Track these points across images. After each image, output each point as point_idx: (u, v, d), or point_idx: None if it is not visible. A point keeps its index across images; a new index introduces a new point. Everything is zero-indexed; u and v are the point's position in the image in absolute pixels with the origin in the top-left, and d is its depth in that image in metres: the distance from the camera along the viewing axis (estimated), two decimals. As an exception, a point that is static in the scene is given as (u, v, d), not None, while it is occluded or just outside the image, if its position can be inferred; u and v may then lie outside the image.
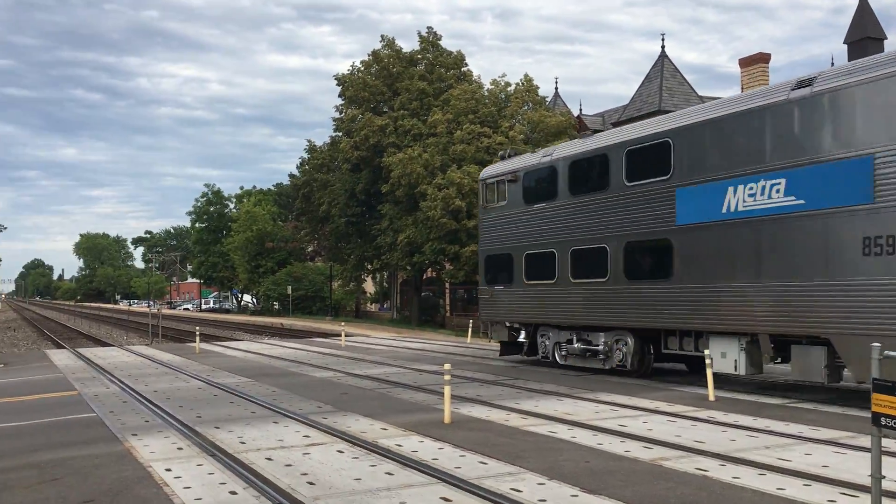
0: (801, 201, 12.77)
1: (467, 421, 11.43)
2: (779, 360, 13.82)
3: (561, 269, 18.33)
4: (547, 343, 19.44)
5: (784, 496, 7.19)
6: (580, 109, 48.42)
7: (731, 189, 13.95)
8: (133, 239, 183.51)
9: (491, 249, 21.31)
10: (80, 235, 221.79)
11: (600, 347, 17.44)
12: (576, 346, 18.22)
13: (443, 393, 11.69)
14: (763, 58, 35.61)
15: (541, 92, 43.77)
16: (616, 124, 35.68)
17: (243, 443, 10.01)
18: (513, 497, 7.28)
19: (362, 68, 50.82)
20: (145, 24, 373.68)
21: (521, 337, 20.70)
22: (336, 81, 51.66)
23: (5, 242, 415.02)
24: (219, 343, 33.34)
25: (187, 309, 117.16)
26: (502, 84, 44.36)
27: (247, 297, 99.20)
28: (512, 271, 20.18)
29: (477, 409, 12.53)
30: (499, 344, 21.86)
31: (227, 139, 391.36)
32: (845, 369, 12.57)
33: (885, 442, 6.39)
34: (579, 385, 15.39)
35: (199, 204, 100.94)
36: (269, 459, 9.00)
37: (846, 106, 12.23)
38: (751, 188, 13.61)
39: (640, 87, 41.51)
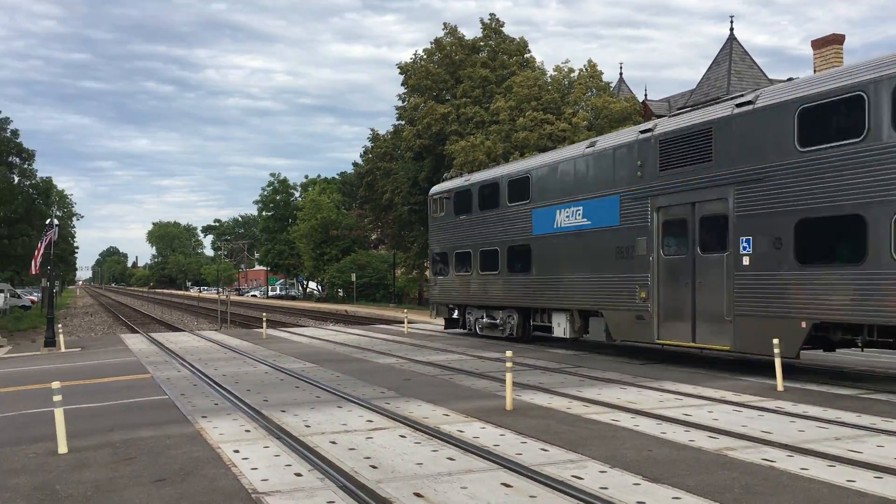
0: (590, 222, 18.90)
1: (529, 408, 11.42)
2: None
3: (474, 264, 24.50)
4: (471, 319, 25.42)
5: (854, 488, 7.01)
6: (645, 95, 47.68)
7: (557, 211, 20.11)
8: (203, 227, 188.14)
9: (436, 249, 27.50)
10: (153, 224, 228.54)
11: (498, 321, 23.51)
12: (485, 320, 24.34)
13: (504, 380, 11.71)
14: (837, 39, 34.46)
15: (605, 77, 43.22)
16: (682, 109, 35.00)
17: (308, 426, 10.21)
18: (574, 484, 7.27)
19: (425, 56, 50.91)
20: (213, 16, 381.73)
21: (455, 315, 26.78)
22: (399, 70, 51.91)
23: (83, 231, 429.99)
24: (285, 329, 33.97)
25: (254, 296, 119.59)
26: (565, 70, 43.88)
27: (312, 285, 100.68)
28: (448, 265, 26.35)
29: (539, 396, 12.52)
30: (443, 321, 28.10)
31: (292, 129, 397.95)
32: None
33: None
34: (643, 373, 15.22)
35: (265, 193, 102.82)
36: (333, 443, 9.16)
37: (610, 160, 18.32)
38: (567, 212, 19.77)
39: (707, 71, 40.65)
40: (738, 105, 14.80)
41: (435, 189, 28.28)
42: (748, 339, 14.41)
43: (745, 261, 14.45)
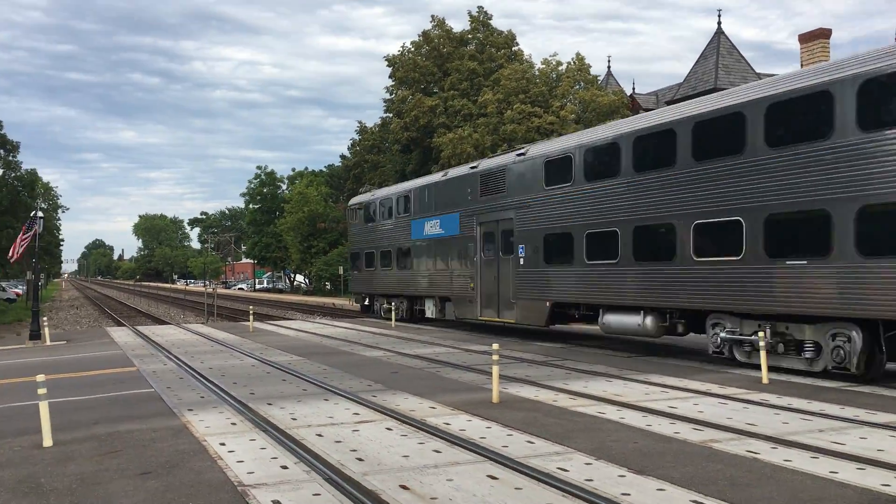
0: (444, 231, 25.18)
1: (515, 401, 11.45)
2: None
3: (377, 261, 30.81)
4: (377, 305, 31.86)
5: (837, 479, 7.08)
6: (633, 88, 47.70)
7: (426, 223, 26.44)
8: (189, 220, 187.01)
9: (352, 248, 34.28)
10: (139, 216, 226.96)
11: (393, 307, 29.32)
12: (385, 306, 30.59)
13: (491, 373, 11.74)
14: (824, 34, 34.56)
15: (593, 71, 43.29)
16: (670, 103, 35.04)
17: (294, 419, 10.20)
18: (560, 476, 7.30)
19: (412, 49, 50.78)
20: (201, 8, 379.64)
21: (366, 302, 33.17)
22: (387, 62, 51.75)
23: (68, 223, 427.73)
24: (272, 322, 33.90)
25: (241, 289, 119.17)
26: (554, 63, 43.92)
27: (299, 278, 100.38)
28: (361, 261, 32.74)
29: (525, 389, 12.55)
30: (360, 307, 35.18)
31: (279, 121, 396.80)
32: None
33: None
34: (630, 366, 15.29)
35: (252, 185, 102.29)
36: (320, 436, 9.16)
37: (455, 186, 24.61)
38: (431, 223, 26.02)
39: (695, 64, 40.72)
40: (518, 155, 21.41)
41: (352, 201, 35.58)
42: (524, 314, 20.89)
43: (522, 261, 20.84)
